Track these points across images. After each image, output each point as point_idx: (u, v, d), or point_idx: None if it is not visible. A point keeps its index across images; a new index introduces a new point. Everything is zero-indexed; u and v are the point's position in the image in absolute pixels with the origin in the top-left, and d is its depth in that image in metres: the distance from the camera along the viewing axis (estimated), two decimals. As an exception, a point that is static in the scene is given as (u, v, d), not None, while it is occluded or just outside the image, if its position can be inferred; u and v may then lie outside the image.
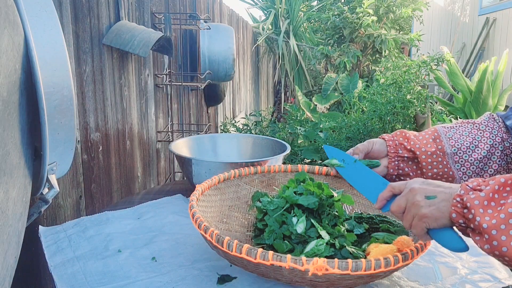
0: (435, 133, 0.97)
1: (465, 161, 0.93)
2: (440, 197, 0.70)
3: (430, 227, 0.71)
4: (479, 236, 0.65)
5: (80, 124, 1.62)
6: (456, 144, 0.94)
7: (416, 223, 0.72)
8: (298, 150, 3.33)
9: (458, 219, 0.67)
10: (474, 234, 0.66)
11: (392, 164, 0.98)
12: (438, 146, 0.94)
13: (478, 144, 0.93)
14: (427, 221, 0.70)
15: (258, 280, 0.86)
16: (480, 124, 0.96)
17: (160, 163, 2.55)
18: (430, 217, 0.70)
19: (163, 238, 1.05)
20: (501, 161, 0.93)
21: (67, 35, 1.50)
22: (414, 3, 6.17)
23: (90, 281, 0.86)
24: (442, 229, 0.71)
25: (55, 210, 1.45)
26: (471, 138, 0.94)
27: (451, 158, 0.94)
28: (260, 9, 7.14)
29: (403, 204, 0.75)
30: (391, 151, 0.98)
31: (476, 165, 0.93)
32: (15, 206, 0.71)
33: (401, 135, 0.99)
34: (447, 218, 0.69)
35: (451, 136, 0.95)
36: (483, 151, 0.93)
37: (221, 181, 1.10)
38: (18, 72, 0.72)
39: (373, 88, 3.69)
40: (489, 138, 0.93)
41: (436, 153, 0.94)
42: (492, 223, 0.62)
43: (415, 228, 0.73)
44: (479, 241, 0.65)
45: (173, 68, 2.70)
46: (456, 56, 6.69)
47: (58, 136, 0.84)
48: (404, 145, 0.97)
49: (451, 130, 0.96)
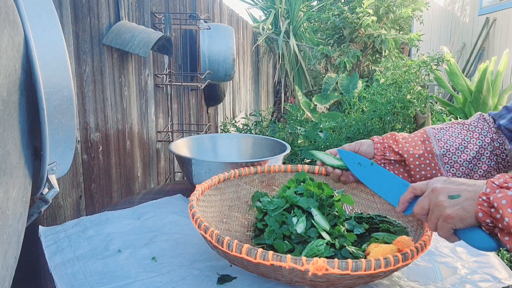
0: (424, 135, 0.97)
1: (455, 162, 0.93)
2: (464, 195, 0.67)
3: (456, 227, 0.68)
4: (509, 236, 0.63)
5: (80, 124, 1.62)
6: (445, 145, 0.94)
7: (441, 224, 0.70)
8: (298, 150, 3.33)
9: (485, 218, 0.65)
10: (503, 234, 0.64)
11: None
12: (427, 148, 0.94)
13: (467, 145, 0.93)
14: (453, 221, 0.68)
15: (258, 280, 0.86)
16: (469, 124, 0.96)
17: (160, 163, 2.55)
18: (455, 218, 0.67)
19: (163, 238, 1.05)
20: (490, 162, 0.93)
21: (67, 35, 1.50)
22: (414, 3, 6.17)
23: (90, 281, 0.86)
24: (470, 229, 0.68)
25: (55, 210, 1.45)
26: (460, 139, 0.94)
27: (440, 160, 0.94)
28: (260, 9, 7.14)
29: (426, 205, 0.72)
30: (377, 153, 0.98)
31: (465, 166, 0.93)
32: (15, 206, 0.71)
33: (391, 138, 0.99)
34: (473, 217, 0.66)
35: (441, 138, 0.95)
36: (472, 152, 0.92)
37: (221, 181, 1.10)
38: (18, 72, 0.72)
39: (373, 88, 3.69)
40: (478, 139, 0.93)
41: (424, 156, 0.94)
42: None
43: (440, 229, 0.70)
44: (508, 241, 0.63)
45: (173, 68, 2.70)
46: (456, 56, 6.69)
47: (58, 136, 0.84)
48: (392, 148, 0.97)
49: (440, 131, 0.96)
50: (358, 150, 1.00)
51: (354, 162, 0.95)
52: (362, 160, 0.94)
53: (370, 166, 0.91)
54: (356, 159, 0.96)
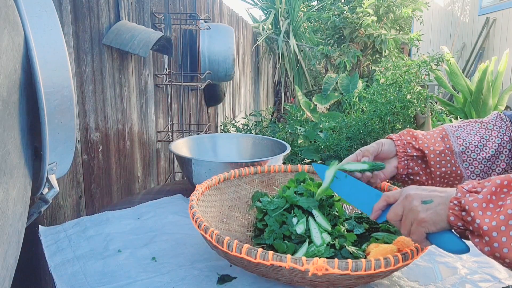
0: (443, 132, 0.96)
1: (473, 160, 0.93)
2: (437, 201, 0.70)
3: (429, 231, 0.71)
4: (479, 238, 0.65)
5: (80, 124, 1.62)
6: (464, 143, 0.94)
7: (414, 228, 0.72)
8: (298, 150, 3.33)
9: (456, 222, 0.67)
10: (473, 236, 0.66)
11: (402, 163, 0.97)
12: (446, 145, 0.94)
13: (486, 143, 0.93)
14: (426, 225, 0.70)
15: (258, 280, 0.86)
16: (488, 123, 0.96)
17: (160, 163, 2.55)
18: (429, 221, 0.70)
19: (163, 238, 1.05)
20: (509, 160, 0.93)
21: (67, 35, 1.50)
22: (414, 3, 6.17)
23: (90, 281, 0.86)
24: (441, 233, 0.71)
25: (55, 210, 1.45)
26: (479, 137, 0.94)
27: (459, 157, 0.94)
28: (260, 9, 7.14)
29: (400, 211, 0.74)
30: (400, 150, 0.97)
31: (484, 164, 0.93)
32: (15, 206, 0.71)
33: (408, 134, 0.99)
34: (445, 221, 0.69)
35: (459, 135, 0.95)
36: (491, 150, 0.92)
37: (221, 181, 1.10)
38: (18, 72, 0.72)
39: (373, 88, 3.69)
40: (497, 137, 0.93)
41: (445, 152, 0.94)
42: (492, 225, 0.62)
43: (414, 233, 0.73)
44: (479, 243, 0.65)
45: (173, 68, 2.70)
46: (456, 56, 6.68)
47: (58, 136, 0.84)
48: (412, 144, 0.97)
49: (458, 129, 0.96)
50: (381, 151, 0.98)
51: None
52: (337, 173, 0.93)
53: (344, 178, 0.92)
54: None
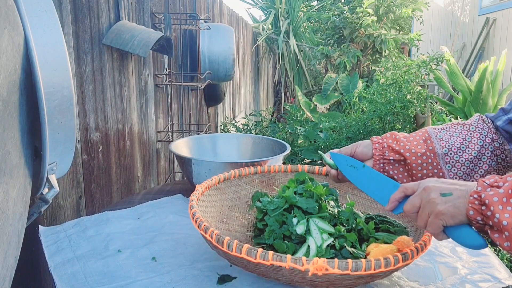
0: (425, 134, 0.97)
1: (456, 161, 0.94)
2: (456, 194, 0.69)
3: (446, 224, 0.70)
4: (499, 233, 0.64)
5: (80, 124, 1.62)
6: (447, 145, 0.94)
7: (432, 220, 0.71)
8: (298, 150, 3.33)
9: (475, 216, 0.66)
10: (493, 231, 0.65)
11: (376, 166, 0.98)
12: (429, 147, 0.95)
13: (469, 144, 0.94)
14: (444, 218, 0.69)
15: (258, 280, 0.86)
16: (470, 125, 0.96)
17: (160, 163, 2.55)
18: (447, 214, 0.69)
19: (163, 238, 1.05)
20: (491, 162, 0.94)
21: (67, 35, 1.50)
22: (414, 3, 6.17)
23: (90, 281, 0.86)
24: (459, 227, 0.70)
25: (55, 210, 1.45)
26: (461, 139, 0.95)
27: (442, 159, 0.94)
28: (260, 9, 7.14)
29: (417, 203, 0.74)
30: (376, 153, 0.98)
31: (466, 166, 0.93)
32: (15, 206, 0.71)
33: (390, 137, 0.99)
34: (463, 215, 0.68)
35: (442, 137, 0.95)
36: (473, 152, 0.93)
37: (221, 181, 1.10)
38: (18, 72, 0.72)
39: (373, 88, 3.69)
40: (479, 139, 0.94)
41: (426, 154, 0.94)
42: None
43: (430, 226, 0.72)
44: (498, 238, 0.64)
45: (173, 68, 2.70)
46: (456, 56, 6.69)
47: (58, 136, 0.84)
48: (392, 147, 0.97)
49: (441, 131, 0.97)
50: (355, 152, 1.00)
51: (347, 164, 0.96)
52: (354, 163, 0.94)
53: (362, 168, 0.92)
54: (348, 161, 0.96)
